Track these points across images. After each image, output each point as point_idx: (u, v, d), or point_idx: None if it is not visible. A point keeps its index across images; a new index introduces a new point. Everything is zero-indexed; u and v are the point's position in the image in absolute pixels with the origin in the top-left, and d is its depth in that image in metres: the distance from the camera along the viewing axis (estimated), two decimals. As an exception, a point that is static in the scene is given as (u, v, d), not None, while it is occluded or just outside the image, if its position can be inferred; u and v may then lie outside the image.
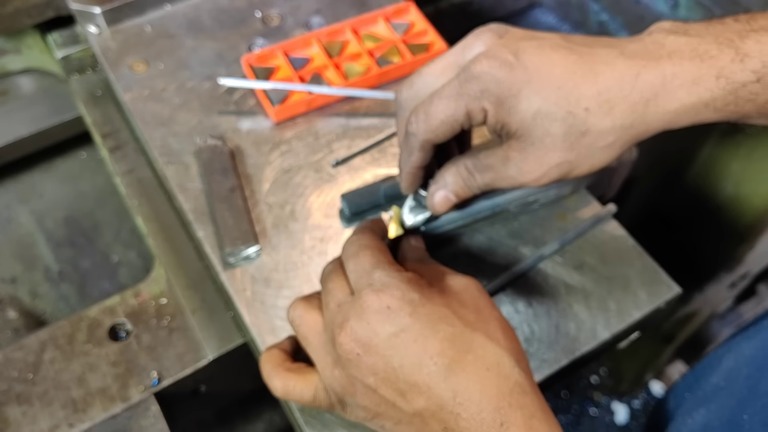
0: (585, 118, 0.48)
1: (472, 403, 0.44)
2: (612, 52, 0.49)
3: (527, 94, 0.48)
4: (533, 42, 0.49)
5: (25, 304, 0.96)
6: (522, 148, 0.51)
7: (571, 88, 0.48)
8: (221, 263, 0.65)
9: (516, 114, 0.49)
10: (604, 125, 0.49)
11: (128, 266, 1.02)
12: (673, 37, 0.48)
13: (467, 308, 0.48)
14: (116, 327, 0.68)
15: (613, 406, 1.53)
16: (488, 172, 0.53)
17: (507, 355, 0.46)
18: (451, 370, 0.44)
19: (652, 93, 0.48)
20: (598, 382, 1.56)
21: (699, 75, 0.47)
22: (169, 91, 0.78)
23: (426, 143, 0.53)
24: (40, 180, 1.03)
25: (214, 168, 0.70)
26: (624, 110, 0.48)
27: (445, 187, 0.55)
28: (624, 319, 0.62)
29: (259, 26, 0.85)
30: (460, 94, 0.50)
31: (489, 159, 0.53)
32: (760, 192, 0.90)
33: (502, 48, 0.49)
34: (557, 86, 0.48)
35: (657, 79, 0.47)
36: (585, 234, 0.67)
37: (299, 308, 0.53)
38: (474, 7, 1.18)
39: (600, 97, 0.48)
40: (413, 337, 0.45)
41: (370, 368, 0.46)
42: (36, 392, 0.63)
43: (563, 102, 0.48)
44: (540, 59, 0.48)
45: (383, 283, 0.47)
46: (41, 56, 0.95)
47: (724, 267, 1.02)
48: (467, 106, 0.50)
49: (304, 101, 0.75)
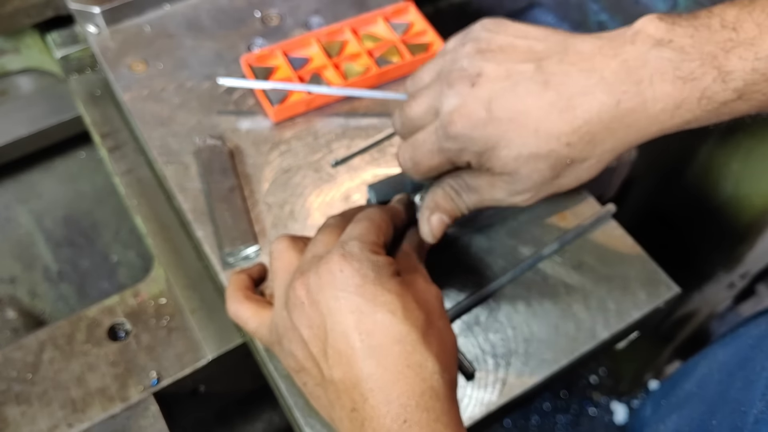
0: (568, 152, 0.49)
1: (381, 392, 0.45)
2: (591, 78, 0.47)
3: (506, 144, 0.49)
4: (506, 84, 0.49)
5: (24, 304, 0.96)
6: (510, 181, 0.52)
7: (549, 127, 0.48)
8: (220, 263, 0.65)
9: (498, 160, 0.50)
10: (587, 153, 0.50)
11: (127, 266, 1.02)
12: (656, 51, 0.46)
13: (418, 306, 0.49)
14: (115, 327, 0.68)
15: (612, 406, 1.53)
16: (474, 193, 0.55)
17: (433, 360, 0.47)
18: (374, 353, 0.46)
19: (632, 119, 0.48)
20: (598, 381, 1.56)
21: (682, 99, 0.46)
22: (168, 91, 0.78)
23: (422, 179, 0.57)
24: (39, 180, 1.03)
25: (213, 168, 0.70)
26: (605, 137, 0.49)
27: (437, 208, 0.57)
28: (623, 318, 0.62)
29: (259, 26, 0.85)
30: (441, 150, 0.52)
31: (475, 181, 0.55)
32: (760, 192, 0.90)
33: (474, 101, 0.49)
34: (534, 129, 0.48)
35: (638, 105, 0.47)
36: (584, 234, 0.67)
37: (282, 244, 0.56)
38: (473, 6, 1.19)
39: (580, 130, 0.48)
40: (351, 307, 0.47)
41: (308, 320, 0.49)
42: (35, 392, 0.63)
43: (543, 144, 0.49)
44: (514, 106, 0.49)
45: (351, 252, 0.49)
46: (40, 56, 0.95)
47: (723, 267, 1.02)
48: (450, 159, 0.53)
49: (304, 101, 0.75)
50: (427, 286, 0.52)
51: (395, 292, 0.48)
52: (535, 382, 0.59)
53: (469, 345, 0.60)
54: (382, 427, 0.45)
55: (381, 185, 0.67)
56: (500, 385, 0.58)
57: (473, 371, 0.58)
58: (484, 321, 0.62)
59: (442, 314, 0.51)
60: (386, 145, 0.74)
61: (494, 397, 0.58)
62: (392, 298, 0.48)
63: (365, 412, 0.46)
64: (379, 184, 0.67)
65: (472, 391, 0.58)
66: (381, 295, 0.48)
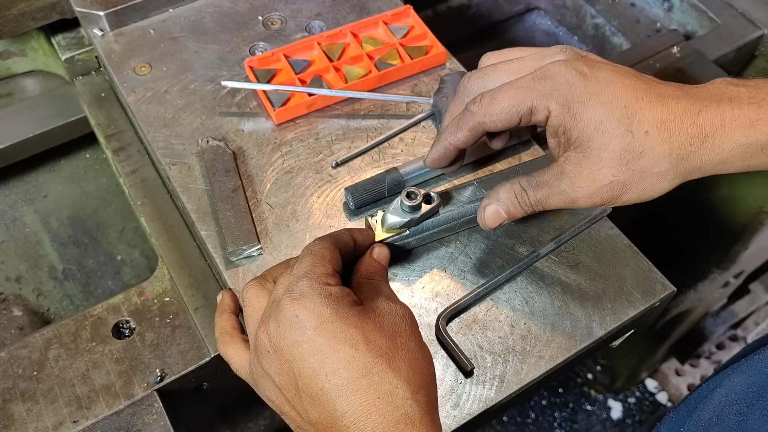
0: (643, 139, 0.50)
1: (356, 428, 0.45)
2: (678, 90, 0.52)
3: (594, 104, 0.51)
4: (610, 65, 0.53)
5: (30, 303, 0.97)
6: (578, 161, 0.52)
7: (637, 109, 0.50)
8: (224, 262, 0.66)
9: (579, 121, 0.51)
10: (661, 150, 0.51)
11: (132, 265, 1.02)
12: (733, 87, 0.51)
13: (381, 334, 0.48)
14: (120, 325, 0.69)
15: (609, 403, 1.54)
16: (541, 188, 0.55)
17: (404, 386, 0.46)
18: (343, 391, 0.46)
19: (710, 129, 0.50)
20: (594, 379, 1.57)
21: (756, 118, 0.50)
22: (172, 93, 0.79)
23: (479, 126, 0.55)
24: (45, 180, 1.03)
25: (216, 168, 0.71)
26: (682, 141, 0.51)
27: (498, 201, 0.57)
28: (619, 317, 0.63)
29: (261, 30, 0.86)
30: (530, 88, 0.52)
31: (543, 176, 0.55)
32: (754, 192, 0.91)
33: (580, 60, 0.52)
34: (624, 104, 0.50)
35: (717, 117, 0.50)
36: (580, 234, 0.68)
37: (250, 291, 0.56)
38: (472, 11, 1.19)
39: (662, 124, 0.50)
40: (313, 350, 0.47)
41: (277, 367, 0.49)
42: (41, 389, 0.64)
43: (626, 120, 0.50)
44: (613, 78, 0.51)
45: (302, 293, 0.48)
46: (46, 58, 0.96)
47: (717, 266, 1.03)
48: (534, 101, 0.52)
49: (305, 103, 0.76)
50: (390, 307, 0.51)
51: (354, 325, 0.47)
52: (532, 379, 0.60)
53: (468, 342, 0.61)
54: None
55: (358, 188, 0.68)
56: (498, 382, 0.59)
57: (471, 368, 0.59)
58: (482, 319, 0.63)
59: (412, 333, 0.50)
60: (386, 146, 0.75)
61: (492, 394, 0.59)
62: (352, 332, 0.47)
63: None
64: (355, 187, 0.68)
65: (470, 387, 0.59)
66: (340, 331, 0.47)
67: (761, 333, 1.54)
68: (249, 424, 1.00)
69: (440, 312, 0.62)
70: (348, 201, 0.69)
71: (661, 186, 0.53)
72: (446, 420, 0.57)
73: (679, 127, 0.51)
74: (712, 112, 0.51)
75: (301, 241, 0.68)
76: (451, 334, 0.61)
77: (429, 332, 0.62)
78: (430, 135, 0.76)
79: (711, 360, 1.58)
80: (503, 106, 0.53)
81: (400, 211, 0.61)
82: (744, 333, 1.56)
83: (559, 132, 0.53)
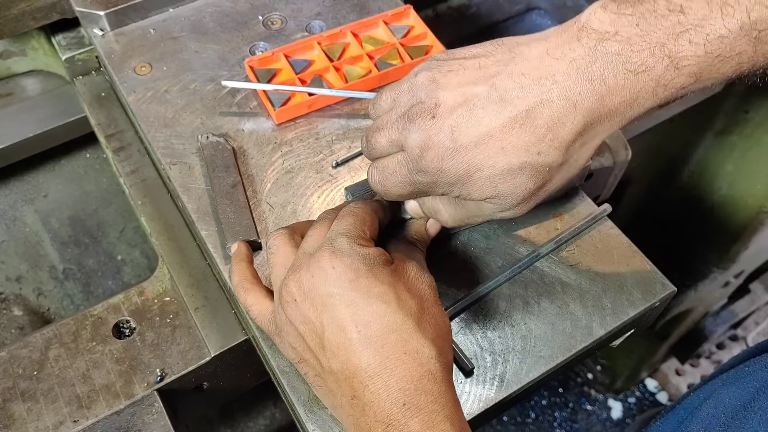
0: (541, 160, 0.50)
1: (380, 379, 0.47)
2: (544, 86, 0.48)
3: (477, 169, 0.50)
4: (464, 110, 0.50)
5: (31, 303, 0.97)
6: (495, 202, 0.53)
7: (515, 142, 0.49)
8: (224, 262, 0.66)
9: (474, 187, 0.51)
10: (561, 156, 0.50)
11: (132, 265, 1.02)
12: (603, 46, 0.46)
13: (411, 295, 0.50)
14: (120, 325, 0.69)
15: (609, 403, 1.54)
16: (462, 209, 0.57)
17: (429, 345, 0.48)
18: (372, 342, 0.47)
19: (594, 116, 0.48)
20: (594, 379, 1.57)
21: (636, 91, 0.46)
22: (172, 92, 0.79)
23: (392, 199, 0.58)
24: (45, 180, 1.03)
25: (216, 164, 0.71)
26: (572, 138, 0.49)
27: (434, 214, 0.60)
28: (619, 317, 0.63)
29: (261, 29, 0.86)
30: (412, 183, 0.53)
31: (463, 201, 0.55)
32: (754, 192, 0.91)
33: (438, 133, 0.50)
34: (501, 148, 0.49)
35: (595, 103, 0.47)
36: (581, 234, 0.68)
37: (279, 239, 0.57)
38: (472, 11, 1.19)
39: (545, 137, 0.49)
40: (346, 302, 0.48)
41: (303, 316, 0.50)
42: (41, 389, 0.64)
43: (514, 159, 0.49)
44: (476, 130, 0.49)
45: (340, 248, 0.50)
46: (46, 58, 0.96)
47: (717, 266, 1.03)
48: (421, 191, 0.54)
49: (305, 103, 0.76)
50: (420, 273, 0.53)
51: (387, 283, 0.49)
52: (532, 378, 0.60)
53: (468, 342, 0.61)
54: (383, 411, 0.46)
55: (358, 187, 0.68)
56: (498, 382, 0.59)
57: (472, 368, 0.59)
58: (482, 319, 0.63)
59: (436, 301, 0.52)
60: (386, 146, 0.75)
61: (492, 394, 0.59)
62: (385, 289, 0.49)
63: (365, 398, 0.47)
64: (355, 187, 0.68)
65: (470, 387, 0.59)
66: (374, 286, 0.49)
67: (761, 333, 1.54)
68: (249, 424, 1.00)
69: (440, 312, 0.62)
70: (348, 200, 0.69)
71: (578, 167, 0.52)
72: (446, 420, 0.57)
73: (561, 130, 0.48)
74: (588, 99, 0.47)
75: (301, 240, 0.67)
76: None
77: (429, 332, 0.62)
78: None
79: (711, 360, 1.58)
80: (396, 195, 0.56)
81: None
82: (744, 333, 1.56)
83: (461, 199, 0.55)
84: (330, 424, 0.57)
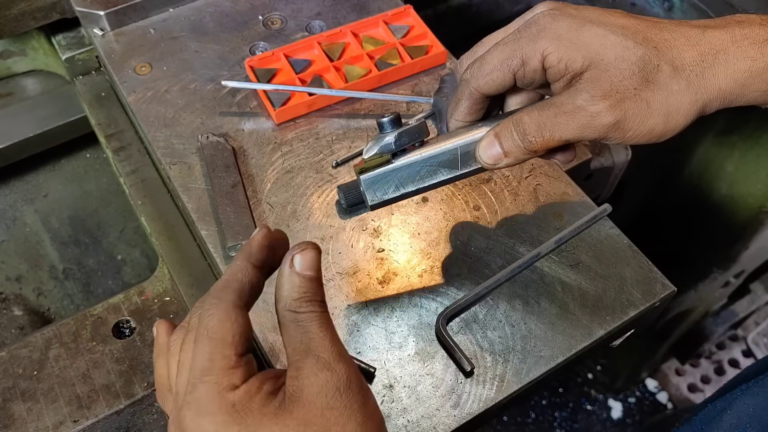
0: (655, 53, 0.47)
1: None
2: (673, 22, 0.48)
3: (591, 27, 0.47)
4: (596, 7, 0.49)
5: (31, 302, 0.97)
6: (594, 76, 0.47)
7: (638, 29, 0.47)
8: (224, 262, 0.66)
9: (581, 45, 0.47)
10: (675, 66, 0.47)
11: (132, 265, 1.02)
12: (741, 15, 0.48)
13: (311, 426, 0.40)
14: (120, 325, 0.69)
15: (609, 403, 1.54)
16: (548, 108, 0.49)
17: None
18: None
19: (721, 45, 0.47)
20: (594, 378, 1.57)
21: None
22: (172, 92, 0.79)
23: (475, 91, 0.52)
24: (45, 180, 1.03)
25: (216, 164, 0.71)
26: (693, 57, 0.48)
27: (494, 133, 0.52)
28: (619, 317, 0.63)
29: (261, 29, 0.86)
30: (516, 39, 0.49)
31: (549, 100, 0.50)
32: (754, 192, 0.91)
33: (562, 5, 0.49)
34: (621, 26, 0.47)
35: (725, 35, 0.47)
36: (581, 233, 0.68)
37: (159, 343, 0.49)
38: (472, 10, 1.19)
39: (667, 42, 0.47)
40: None
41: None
42: (41, 389, 0.64)
43: (631, 35, 0.47)
44: (602, 11, 0.48)
45: (201, 407, 0.40)
46: (46, 58, 0.96)
47: (718, 266, 1.03)
48: (522, 49, 0.49)
49: (305, 103, 0.76)
50: (320, 383, 0.41)
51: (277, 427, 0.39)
52: (532, 378, 0.60)
53: (468, 342, 0.61)
54: None
55: (350, 186, 0.68)
56: (498, 382, 0.59)
57: (471, 368, 0.59)
58: (482, 319, 0.63)
59: (350, 412, 0.41)
60: (386, 146, 0.75)
61: (492, 394, 0.59)
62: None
63: None
64: (348, 186, 0.68)
65: (470, 387, 0.59)
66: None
67: (761, 333, 1.54)
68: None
69: (440, 312, 0.62)
70: (340, 199, 0.69)
71: (683, 109, 0.48)
72: (446, 420, 0.57)
73: (686, 44, 0.47)
74: (719, 31, 0.47)
75: (301, 240, 0.67)
76: (451, 334, 0.61)
77: (429, 332, 0.62)
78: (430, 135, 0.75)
79: (711, 360, 1.58)
80: (493, 64, 0.50)
81: (380, 136, 0.55)
82: (744, 333, 1.56)
83: (560, 68, 0.48)
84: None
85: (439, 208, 0.70)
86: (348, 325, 0.62)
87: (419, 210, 0.70)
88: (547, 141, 0.49)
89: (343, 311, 0.63)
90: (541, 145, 0.50)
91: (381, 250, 0.67)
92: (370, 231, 0.68)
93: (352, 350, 0.61)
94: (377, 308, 0.63)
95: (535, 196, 0.71)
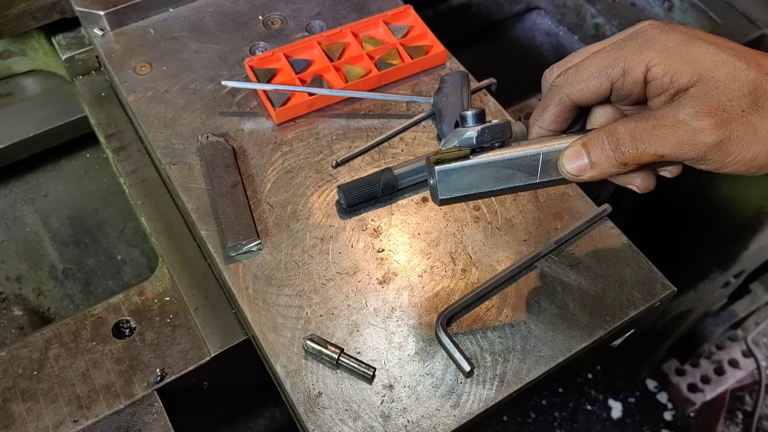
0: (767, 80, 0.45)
1: None
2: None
3: (700, 44, 0.45)
4: None
5: (31, 302, 0.97)
6: (701, 92, 0.45)
7: (748, 54, 0.46)
8: (223, 261, 0.66)
9: (689, 60, 0.45)
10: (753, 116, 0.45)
11: (132, 265, 1.02)
12: None
13: None
14: (120, 324, 0.69)
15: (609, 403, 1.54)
16: (645, 120, 0.47)
17: None
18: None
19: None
20: (594, 378, 1.57)
21: None
22: (172, 92, 0.79)
23: (567, 98, 0.50)
24: (45, 180, 1.03)
25: (216, 164, 0.71)
26: None
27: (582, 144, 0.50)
28: (619, 317, 0.63)
29: (261, 29, 0.86)
30: (619, 47, 0.47)
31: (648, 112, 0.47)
32: (754, 193, 0.92)
33: (670, 23, 0.47)
34: (732, 48, 0.46)
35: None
36: (581, 234, 0.68)
37: None
38: (472, 10, 1.20)
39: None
40: None
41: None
42: (41, 389, 0.64)
43: (743, 57, 0.45)
44: (712, 35, 0.46)
45: None
46: (46, 58, 0.96)
47: (718, 266, 1.03)
48: (626, 58, 0.47)
49: (305, 103, 0.76)
50: None
51: None
52: (532, 378, 0.60)
53: (468, 342, 0.61)
54: None
55: (350, 187, 0.68)
56: (498, 382, 0.59)
57: (472, 368, 0.59)
58: (482, 319, 0.63)
59: None
60: (386, 145, 0.75)
61: (492, 393, 0.59)
62: None
63: None
64: (348, 186, 0.68)
65: (470, 387, 0.59)
66: None
67: (761, 333, 1.54)
68: (249, 424, 1.00)
69: (440, 312, 0.62)
70: (340, 199, 0.69)
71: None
72: (446, 420, 0.57)
73: None
74: None
75: (301, 240, 0.68)
76: (451, 334, 0.61)
77: (429, 332, 0.62)
78: (431, 135, 0.76)
79: (711, 360, 1.58)
80: (591, 71, 0.48)
81: (460, 129, 0.53)
82: (744, 333, 1.56)
83: (664, 81, 0.46)
84: (330, 424, 0.57)
85: (439, 208, 0.70)
86: (348, 325, 0.62)
87: (419, 210, 0.70)
88: (641, 154, 0.47)
89: (343, 311, 0.63)
90: (634, 158, 0.47)
91: (381, 250, 0.67)
92: (370, 231, 0.68)
93: (352, 350, 0.61)
94: (377, 308, 0.63)
95: (535, 197, 0.71)
